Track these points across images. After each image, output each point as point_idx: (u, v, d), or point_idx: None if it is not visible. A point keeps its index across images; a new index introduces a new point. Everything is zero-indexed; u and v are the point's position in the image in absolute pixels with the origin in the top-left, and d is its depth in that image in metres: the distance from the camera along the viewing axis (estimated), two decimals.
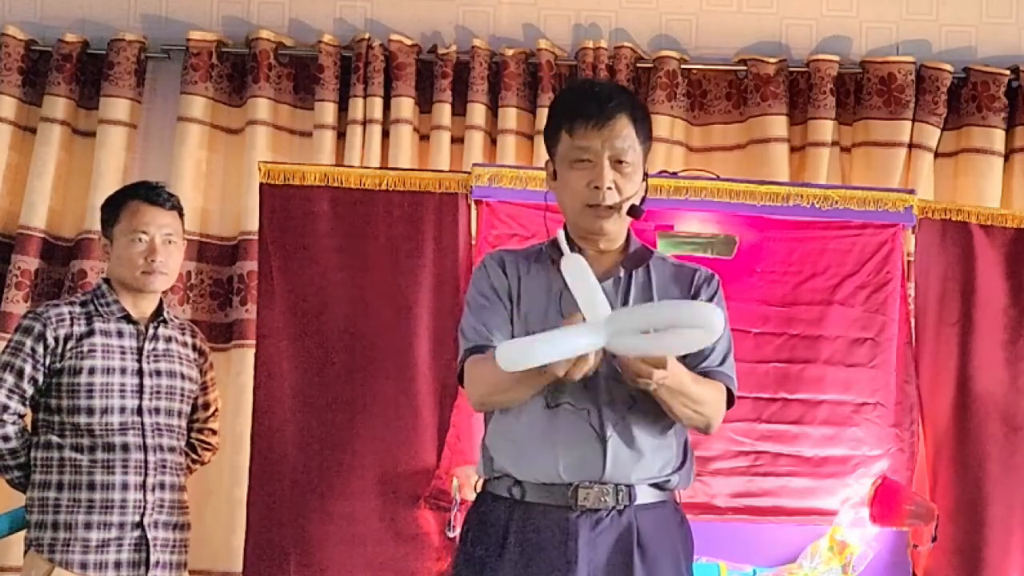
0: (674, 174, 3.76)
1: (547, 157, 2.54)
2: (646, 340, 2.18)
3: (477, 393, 2.45)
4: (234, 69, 4.28)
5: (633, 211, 2.46)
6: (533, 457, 2.40)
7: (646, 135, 2.48)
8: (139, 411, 3.17)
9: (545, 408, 2.40)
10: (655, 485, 2.46)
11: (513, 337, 2.41)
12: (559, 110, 2.51)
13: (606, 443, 2.38)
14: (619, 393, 2.40)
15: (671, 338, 2.19)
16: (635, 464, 2.42)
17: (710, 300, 2.49)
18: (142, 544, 3.13)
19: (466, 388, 2.49)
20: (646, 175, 2.52)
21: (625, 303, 2.46)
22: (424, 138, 4.23)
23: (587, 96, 2.47)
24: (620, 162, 2.42)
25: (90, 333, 3.17)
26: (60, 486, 3.11)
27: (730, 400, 2.53)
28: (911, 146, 4.20)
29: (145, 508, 3.14)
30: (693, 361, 2.44)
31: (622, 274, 2.49)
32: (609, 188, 2.41)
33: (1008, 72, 4.23)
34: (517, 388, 2.34)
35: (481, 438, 2.56)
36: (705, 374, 2.47)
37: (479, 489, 2.56)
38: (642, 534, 2.42)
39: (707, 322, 2.16)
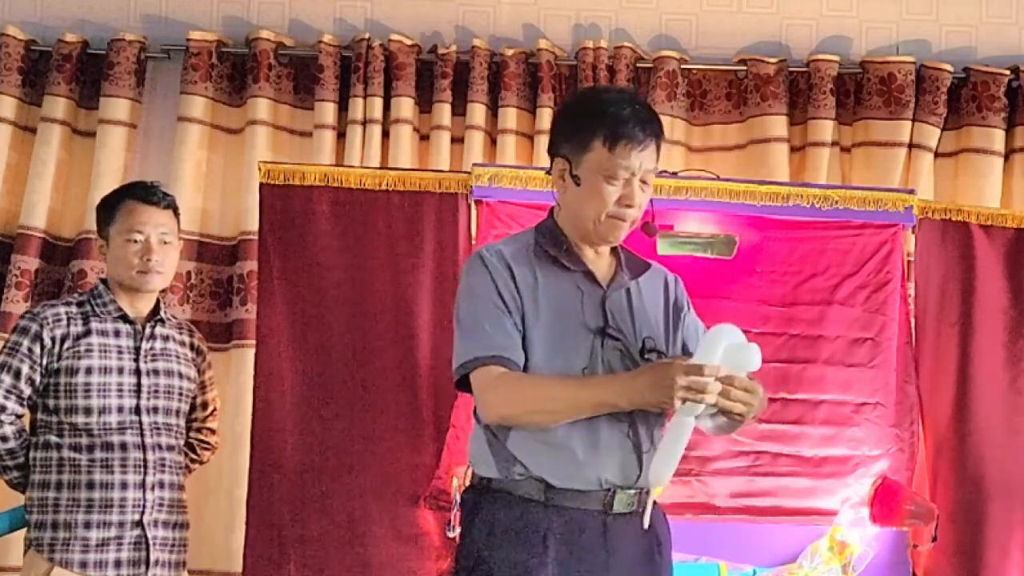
0: (674, 174, 3.75)
1: (560, 155, 2.52)
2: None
3: (513, 412, 2.42)
4: (234, 69, 4.28)
5: (647, 228, 2.56)
6: (576, 466, 2.43)
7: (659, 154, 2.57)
8: (137, 410, 3.17)
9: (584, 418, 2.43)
10: None
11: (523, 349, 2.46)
12: (596, 120, 2.47)
13: (642, 454, 2.47)
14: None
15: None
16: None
17: (687, 304, 2.67)
18: (142, 543, 3.13)
19: (492, 401, 2.43)
20: None
21: (630, 312, 2.54)
22: (424, 138, 4.23)
23: (629, 115, 2.46)
24: (644, 182, 2.49)
25: (87, 333, 3.17)
26: (59, 486, 3.11)
27: None
28: (911, 146, 4.20)
29: (145, 507, 3.13)
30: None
31: (631, 285, 2.57)
32: (637, 207, 2.49)
33: (1008, 72, 4.23)
34: (568, 415, 2.40)
35: (486, 439, 2.50)
36: None
37: (478, 485, 2.52)
38: (657, 527, 2.51)
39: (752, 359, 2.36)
